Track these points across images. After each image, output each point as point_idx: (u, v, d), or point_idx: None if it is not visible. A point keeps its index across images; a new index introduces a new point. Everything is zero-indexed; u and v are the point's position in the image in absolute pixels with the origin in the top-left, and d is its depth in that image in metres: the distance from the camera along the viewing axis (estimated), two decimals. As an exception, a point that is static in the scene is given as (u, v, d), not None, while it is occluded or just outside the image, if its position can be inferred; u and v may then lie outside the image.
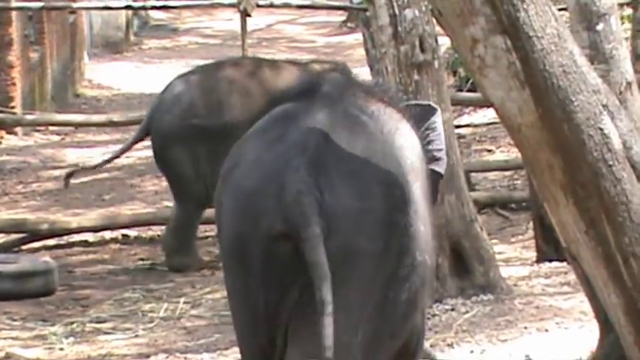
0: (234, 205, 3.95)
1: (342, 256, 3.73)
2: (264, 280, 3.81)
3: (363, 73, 10.34)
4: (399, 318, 3.89)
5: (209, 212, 9.07)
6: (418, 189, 3.97)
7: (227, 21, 18.28)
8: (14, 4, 12.42)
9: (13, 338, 7.14)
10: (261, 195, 3.86)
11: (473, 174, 9.53)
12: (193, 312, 7.60)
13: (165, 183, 11.14)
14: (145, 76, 16.34)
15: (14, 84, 12.47)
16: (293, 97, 4.13)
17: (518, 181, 10.10)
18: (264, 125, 4.04)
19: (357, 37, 14.13)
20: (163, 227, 9.46)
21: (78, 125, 12.63)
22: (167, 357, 6.52)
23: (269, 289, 3.80)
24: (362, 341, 3.80)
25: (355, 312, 3.78)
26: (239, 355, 4.00)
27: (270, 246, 3.78)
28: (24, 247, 9.13)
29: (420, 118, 4.24)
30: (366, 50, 9.12)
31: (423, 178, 4.08)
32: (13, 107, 12.36)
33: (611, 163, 3.87)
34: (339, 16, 19.65)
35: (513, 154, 10.20)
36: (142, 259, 8.69)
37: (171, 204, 9.53)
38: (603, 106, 3.95)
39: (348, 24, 19.71)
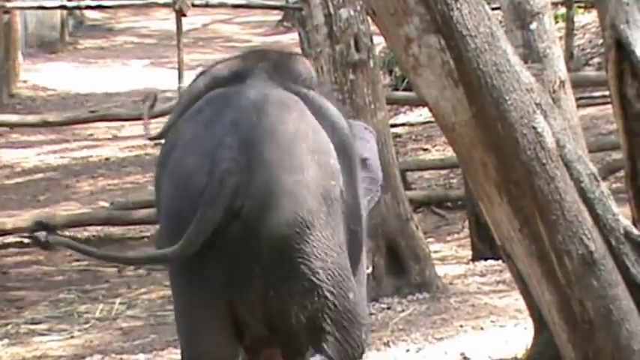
0: (173, 185, 4.01)
1: (289, 229, 3.81)
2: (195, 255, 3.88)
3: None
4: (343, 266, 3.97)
5: (143, 213, 9.05)
6: (348, 159, 4.07)
7: (163, 20, 18.09)
8: None
9: (-54, 340, 7.10)
10: (197, 173, 3.93)
11: (409, 173, 9.58)
12: (129, 312, 7.57)
13: (100, 183, 11.06)
14: (80, 76, 16.30)
15: None
16: (228, 81, 4.21)
17: (454, 180, 10.17)
18: (199, 108, 4.10)
19: (294, 36, 14.22)
20: (99, 228, 9.42)
21: (13, 125, 12.54)
22: (103, 358, 6.50)
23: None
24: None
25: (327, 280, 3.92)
26: (174, 356, 4.04)
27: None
28: (-41, 248, 9.07)
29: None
30: (302, 50, 9.14)
31: (353, 154, 4.17)
32: (-54, 107, 12.20)
33: (544, 161, 3.90)
34: (275, 16, 19.68)
35: (449, 152, 10.27)
36: (78, 260, 8.65)
37: (106, 204, 9.49)
38: (536, 104, 3.97)
39: (284, 23, 19.72)
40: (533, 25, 5.59)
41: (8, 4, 13.38)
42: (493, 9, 5.17)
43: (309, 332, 3.89)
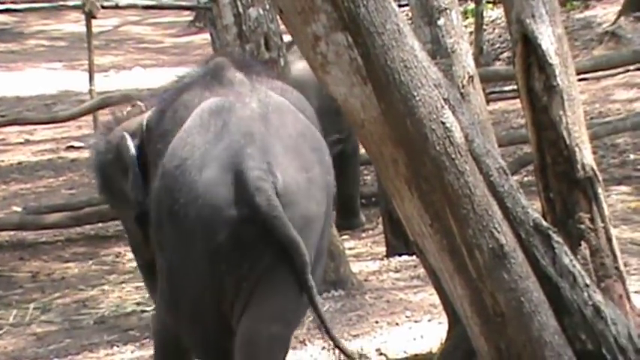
0: (193, 198, 4.28)
1: (302, 223, 4.25)
2: (232, 261, 4.25)
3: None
4: (325, 247, 4.65)
5: (56, 217, 8.97)
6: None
7: (74, 23, 18.02)
8: None
9: None
10: (221, 185, 4.26)
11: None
12: (43, 317, 7.46)
13: (13, 188, 10.95)
14: None
15: None
16: (201, 85, 4.61)
17: (368, 177, 10.16)
18: (201, 120, 4.39)
19: (206, 36, 14.22)
20: (12, 233, 9.32)
21: None
22: (16, 364, 6.42)
23: (237, 268, 4.25)
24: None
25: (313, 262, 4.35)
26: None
27: (237, 231, 4.21)
28: None
29: None
30: (214, 50, 9.11)
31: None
32: None
33: (453, 156, 3.91)
34: (187, 17, 19.74)
35: (362, 149, 10.26)
36: (-10, 266, 8.55)
37: (19, 209, 9.40)
38: (444, 100, 3.97)
39: (196, 24, 19.72)
40: (441, 21, 5.63)
41: None
42: (400, 6, 5.18)
43: None
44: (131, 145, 4.74)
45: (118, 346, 6.65)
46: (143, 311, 7.41)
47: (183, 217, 4.36)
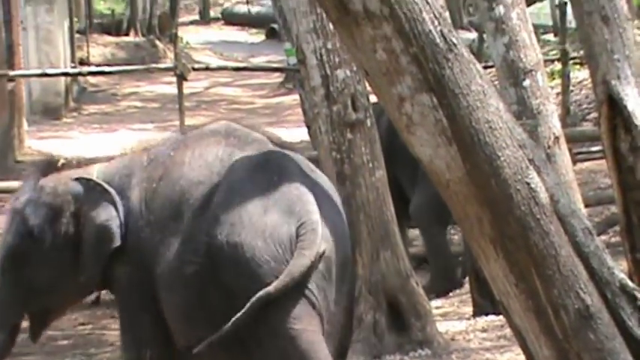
0: (261, 237, 4.91)
1: (344, 263, 4.99)
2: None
3: (301, 133, 10.57)
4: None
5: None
6: None
7: (166, 85, 18.36)
8: None
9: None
10: (283, 226, 4.89)
11: (409, 230, 9.60)
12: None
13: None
14: (85, 141, 16.55)
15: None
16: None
17: (455, 236, 10.14)
18: (250, 175, 5.03)
19: (296, 97, 14.40)
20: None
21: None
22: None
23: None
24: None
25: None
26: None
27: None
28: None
29: None
30: (304, 111, 9.22)
31: None
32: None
33: (538, 216, 3.90)
34: (277, 78, 20.17)
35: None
36: (83, 324, 8.71)
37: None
38: (529, 160, 3.96)
39: (286, 85, 19.96)
40: (527, 82, 5.72)
41: (12, 72, 13.95)
42: (486, 67, 5.19)
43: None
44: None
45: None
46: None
47: (257, 247, 5.00)
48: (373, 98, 7.16)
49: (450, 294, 9.22)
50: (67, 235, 5.29)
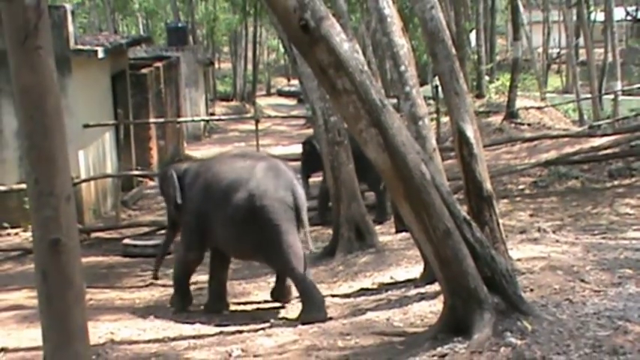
0: (277, 204, 7.90)
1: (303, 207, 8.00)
2: (292, 220, 7.92)
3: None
4: None
5: None
6: None
7: (249, 125, 26.49)
8: (152, 120, 19.34)
9: None
10: (287, 198, 7.94)
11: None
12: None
13: None
14: (211, 151, 22.98)
15: (152, 157, 18.70)
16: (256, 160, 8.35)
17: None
18: (262, 172, 8.10)
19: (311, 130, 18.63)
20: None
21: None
22: None
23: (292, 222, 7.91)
24: None
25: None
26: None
27: (292, 209, 7.94)
28: None
29: None
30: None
31: None
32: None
33: (426, 185, 5.43)
34: (302, 120, 30.14)
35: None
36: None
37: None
38: (422, 159, 5.53)
39: (307, 124, 28.20)
40: (420, 122, 7.64)
41: (179, 119, 23.15)
42: (401, 115, 6.50)
43: None
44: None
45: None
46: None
47: (268, 211, 7.84)
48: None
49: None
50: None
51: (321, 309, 7.58)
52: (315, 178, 14.57)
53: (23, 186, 12.47)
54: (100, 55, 14.89)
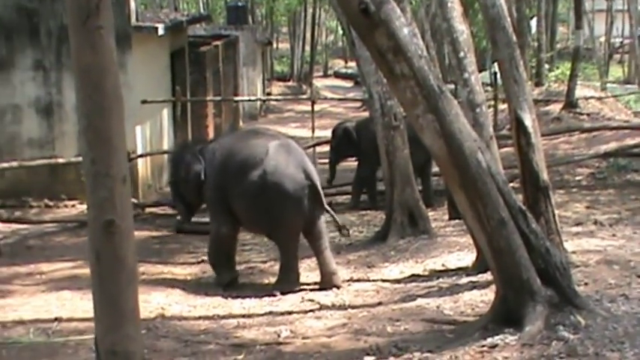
0: (293, 184, 7.99)
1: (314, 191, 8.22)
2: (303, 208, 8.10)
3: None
4: None
5: None
6: None
7: (305, 106, 26.15)
8: (209, 98, 19.34)
9: None
10: (302, 179, 8.13)
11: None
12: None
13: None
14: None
15: (208, 135, 18.59)
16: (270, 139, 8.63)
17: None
18: (276, 151, 8.35)
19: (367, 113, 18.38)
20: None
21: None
22: None
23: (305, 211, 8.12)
24: None
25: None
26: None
27: (305, 190, 8.11)
28: None
29: None
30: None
31: None
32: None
33: (481, 174, 5.40)
34: (358, 103, 29.66)
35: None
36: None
37: None
38: (478, 147, 5.49)
39: (363, 107, 27.24)
40: (477, 110, 7.58)
41: (236, 98, 23.15)
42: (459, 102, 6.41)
43: None
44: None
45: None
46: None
47: (283, 191, 8.03)
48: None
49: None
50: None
51: (292, 285, 8.25)
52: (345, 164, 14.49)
53: (81, 159, 12.72)
54: (160, 32, 14.95)
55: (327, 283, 8.35)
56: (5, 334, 6.91)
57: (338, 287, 8.28)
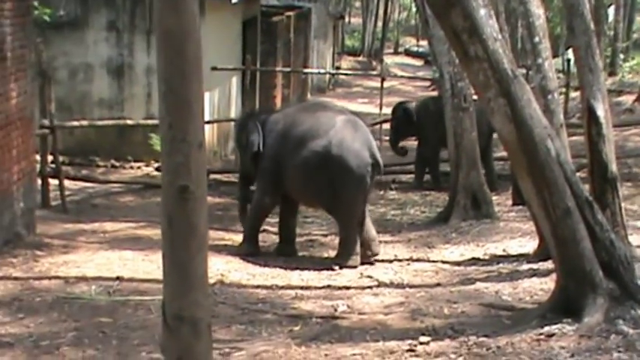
0: (357, 161, 7.95)
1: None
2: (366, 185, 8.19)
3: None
4: None
5: None
6: None
7: (374, 82, 27.72)
8: (278, 69, 19.26)
9: None
10: (366, 155, 8.16)
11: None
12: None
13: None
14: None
15: (275, 105, 18.49)
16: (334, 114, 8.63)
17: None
18: (343, 125, 8.31)
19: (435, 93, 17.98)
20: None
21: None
22: None
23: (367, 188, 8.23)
24: None
25: None
26: None
27: (368, 168, 8.14)
28: None
29: None
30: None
31: None
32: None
33: (549, 161, 5.35)
34: (426, 83, 29.40)
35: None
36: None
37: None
38: (548, 135, 5.41)
39: (432, 87, 26.02)
40: (549, 97, 7.50)
41: (305, 70, 22.97)
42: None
43: None
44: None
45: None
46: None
47: (347, 167, 8.05)
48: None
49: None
50: None
51: (351, 260, 8.24)
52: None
53: (149, 122, 12.90)
54: (234, 0, 15.00)
55: (368, 248, 8.51)
56: (68, 289, 7.04)
57: (377, 254, 8.53)
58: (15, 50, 8.15)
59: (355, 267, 8.26)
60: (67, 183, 11.46)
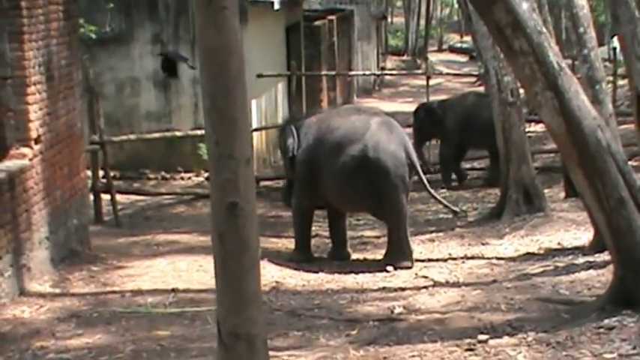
0: (393, 158, 8.00)
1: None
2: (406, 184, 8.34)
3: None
4: None
5: None
6: None
7: (420, 81, 25.19)
8: (323, 72, 19.32)
9: None
10: (402, 155, 8.21)
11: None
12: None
13: None
14: (379, 104, 22.98)
15: (322, 109, 17.59)
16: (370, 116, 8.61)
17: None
18: (377, 127, 8.32)
19: (479, 89, 18.08)
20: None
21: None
22: None
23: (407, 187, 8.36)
24: None
25: None
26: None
27: (405, 167, 8.24)
28: None
29: None
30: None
31: None
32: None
33: (601, 152, 5.30)
34: (472, 79, 26.79)
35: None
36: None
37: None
38: (598, 125, 5.38)
39: (478, 82, 26.37)
40: (597, 87, 7.43)
41: (350, 73, 23.02)
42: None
43: None
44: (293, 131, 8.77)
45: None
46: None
47: (384, 167, 7.97)
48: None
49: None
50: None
51: (405, 260, 8.24)
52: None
53: (198, 132, 12.95)
54: (276, 6, 15.06)
55: (395, 260, 8.53)
56: (124, 303, 7.08)
57: None
58: (62, 69, 8.24)
59: (410, 267, 8.20)
60: (118, 197, 11.57)
